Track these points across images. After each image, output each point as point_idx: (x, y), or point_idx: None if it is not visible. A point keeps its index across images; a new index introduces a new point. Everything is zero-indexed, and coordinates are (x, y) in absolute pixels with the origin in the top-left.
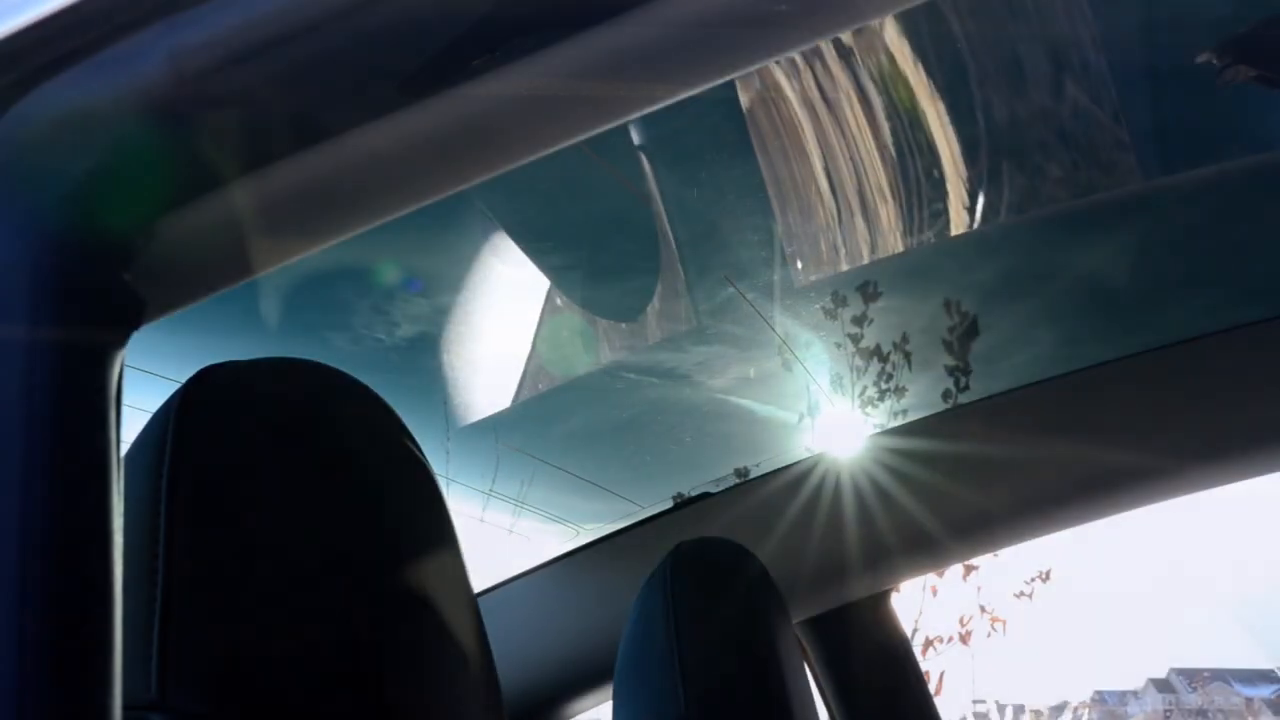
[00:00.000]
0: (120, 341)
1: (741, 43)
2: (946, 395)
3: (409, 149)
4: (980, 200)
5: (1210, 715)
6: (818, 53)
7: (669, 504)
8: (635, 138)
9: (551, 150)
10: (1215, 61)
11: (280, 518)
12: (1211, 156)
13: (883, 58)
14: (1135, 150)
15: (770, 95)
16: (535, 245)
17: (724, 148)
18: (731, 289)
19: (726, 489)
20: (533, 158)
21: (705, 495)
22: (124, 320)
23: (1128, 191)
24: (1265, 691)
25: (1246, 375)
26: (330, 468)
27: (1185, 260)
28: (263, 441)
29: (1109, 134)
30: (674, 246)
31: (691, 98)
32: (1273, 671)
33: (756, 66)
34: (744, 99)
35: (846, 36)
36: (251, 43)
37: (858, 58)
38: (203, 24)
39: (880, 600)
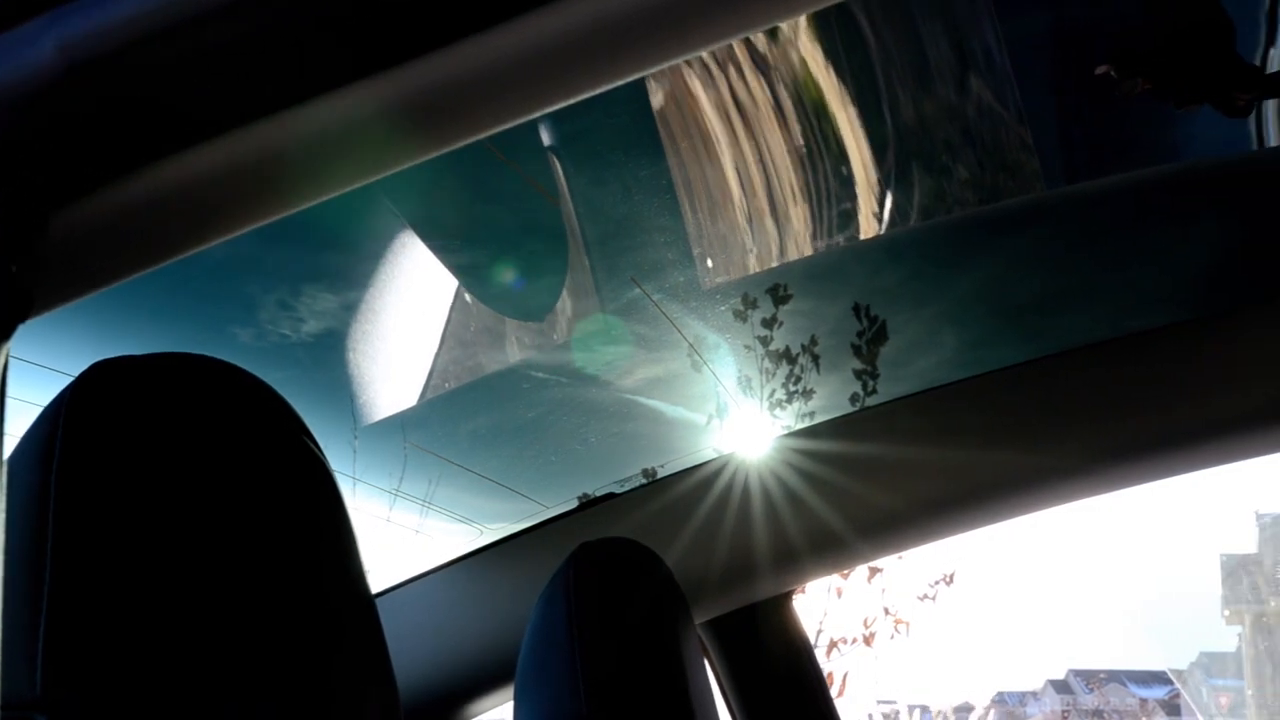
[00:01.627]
0: (4, 334)
1: (650, 40)
2: (854, 398)
3: (301, 144)
4: (889, 204)
5: (1106, 715)
6: (730, 54)
7: (574, 504)
8: (545, 137)
9: (457, 146)
10: (1113, 75)
11: (170, 516)
12: (1113, 166)
13: (795, 61)
14: (1040, 158)
15: (681, 96)
16: (442, 243)
17: (634, 148)
18: (640, 290)
19: (632, 489)
20: (438, 153)
21: (610, 496)
22: (9, 313)
23: (1032, 198)
24: (1159, 692)
25: (1146, 381)
26: (222, 466)
27: (1086, 267)
28: (153, 439)
29: (1015, 142)
30: (582, 246)
31: (602, 97)
32: (1164, 673)
33: (665, 65)
34: (654, 99)
35: (759, 38)
36: (143, 33)
37: (770, 61)
38: (93, 14)
39: (782, 601)
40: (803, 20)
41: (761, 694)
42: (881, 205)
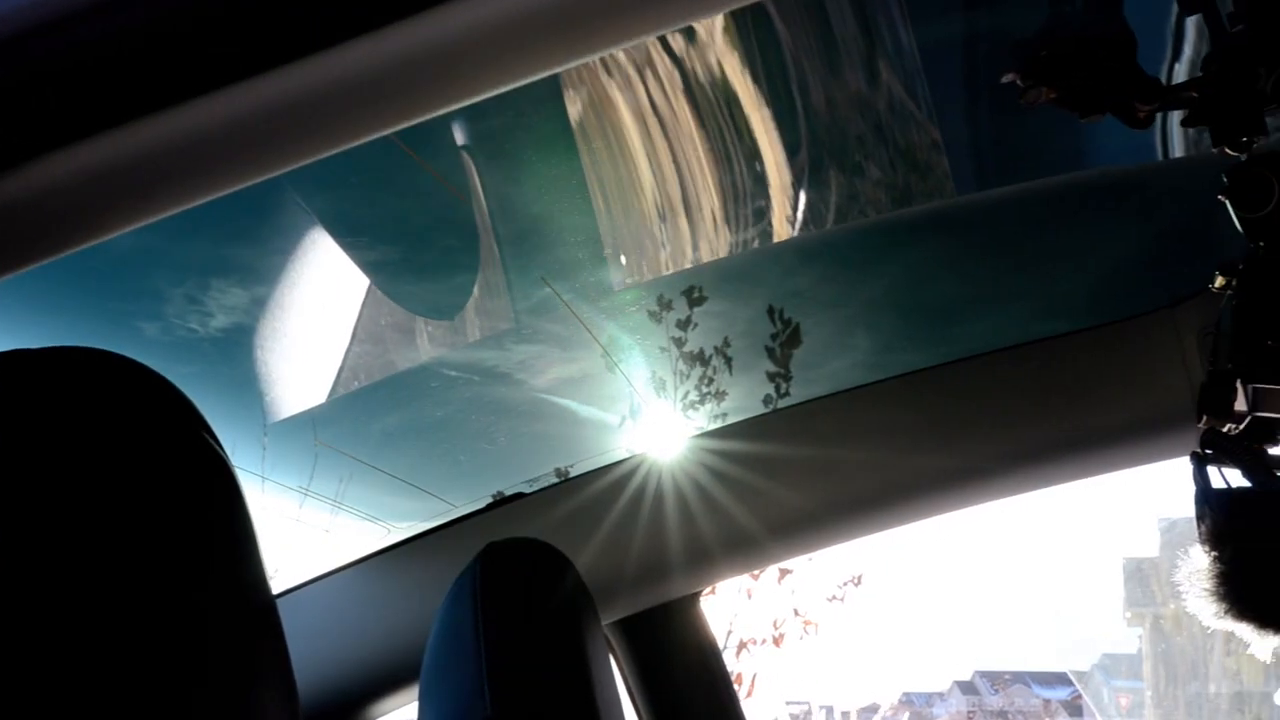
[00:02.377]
0: None
1: (559, 39)
2: (767, 400)
3: (200, 139)
4: (802, 207)
5: (1010, 716)
6: (645, 55)
7: (484, 504)
8: (457, 133)
9: (368, 140)
10: (1019, 83)
11: (59, 515)
12: (1023, 173)
13: (710, 63)
14: (951, 163)
15: (595, 96)
16: (352, 239)
17: (547, 147)
18: (551, 289)
19: (543, 489)
20: (344, 147)
21: (519, 495)
22: None
23: (944, 204)
24: (1062, 694)
25: (1052, 385)
26: (113, 462)
27: (995, 273)
28: (41, 434)
29: (927, 147)
30: (494, 244)
31: (515, 95)
32: (1066, 674)
33: (575, 63)
34: (568, 97)
35: (675, 39)
36: (20, 28)
37: (685, 62)
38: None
39: (690, 602)
40: (718, 22)
41: (668, 694)
42: (795, 208)
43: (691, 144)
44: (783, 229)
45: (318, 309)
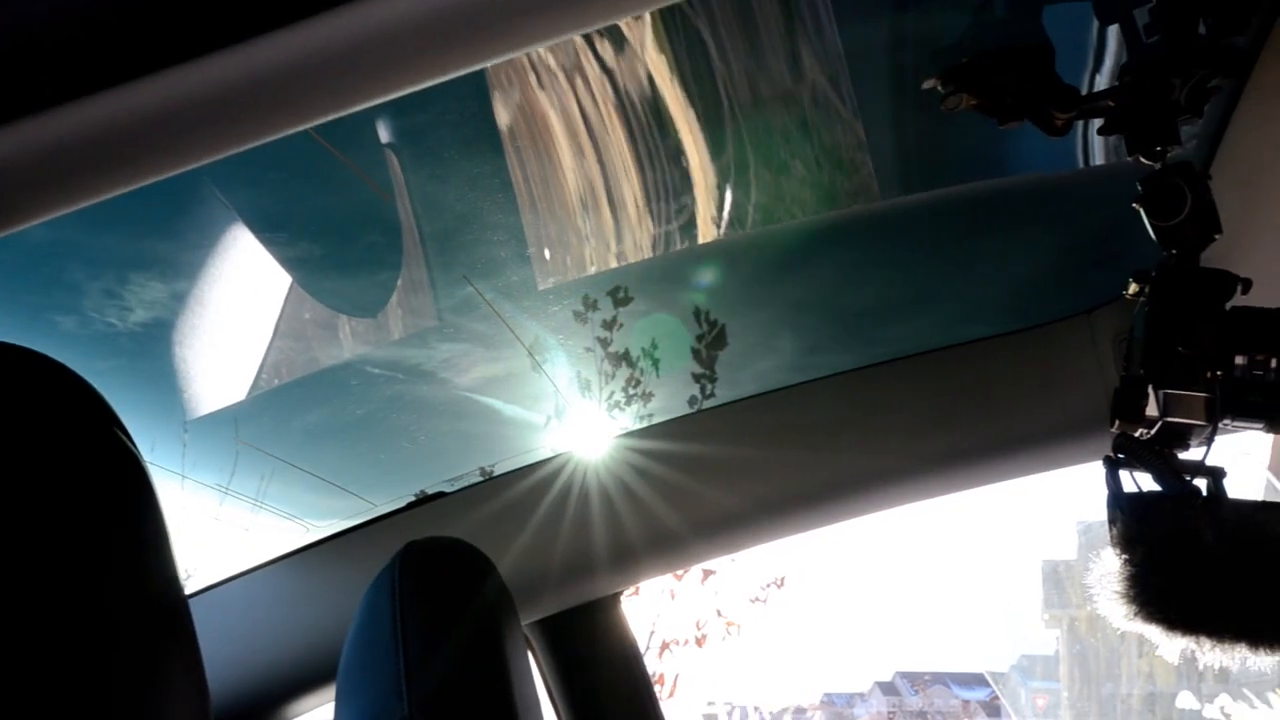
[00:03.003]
0: None
1: (482, 36)
2: (692, 401)
3: (117, 130)
4: (728, 209)
5: (930, 717)
6: (572, 54)
7: (405, 503)
8: (381, 130)
9: (288, 133)
10: (940, 89)
11: None
12: (947, 178)
13: (637, 64)
14: (876, 167)
15: (521, 93)
16: (272, 235)
17: (472, 145)
18: (480, 287)
19: (465, 488)
20: (263, 141)
21: (440, 494)
22: None
23: (869, 208)
24: (980, 694)
25: (973, 388)
26: (18, 458)
27: (919, 277)
28: None
29: (852, 149)
30: (419, 241)
31: (440, 91)
32: (983, 675)
33: (498, 60)
34: (494, 94)
35: (601, 40)
36: None
37: (610, 61)
38: None
39: (612, 602)
40: (646, 22)
41: (588, 694)
42: (721, 210)
43: (617, 144)
44: (709, 230)
45: (239, 305)
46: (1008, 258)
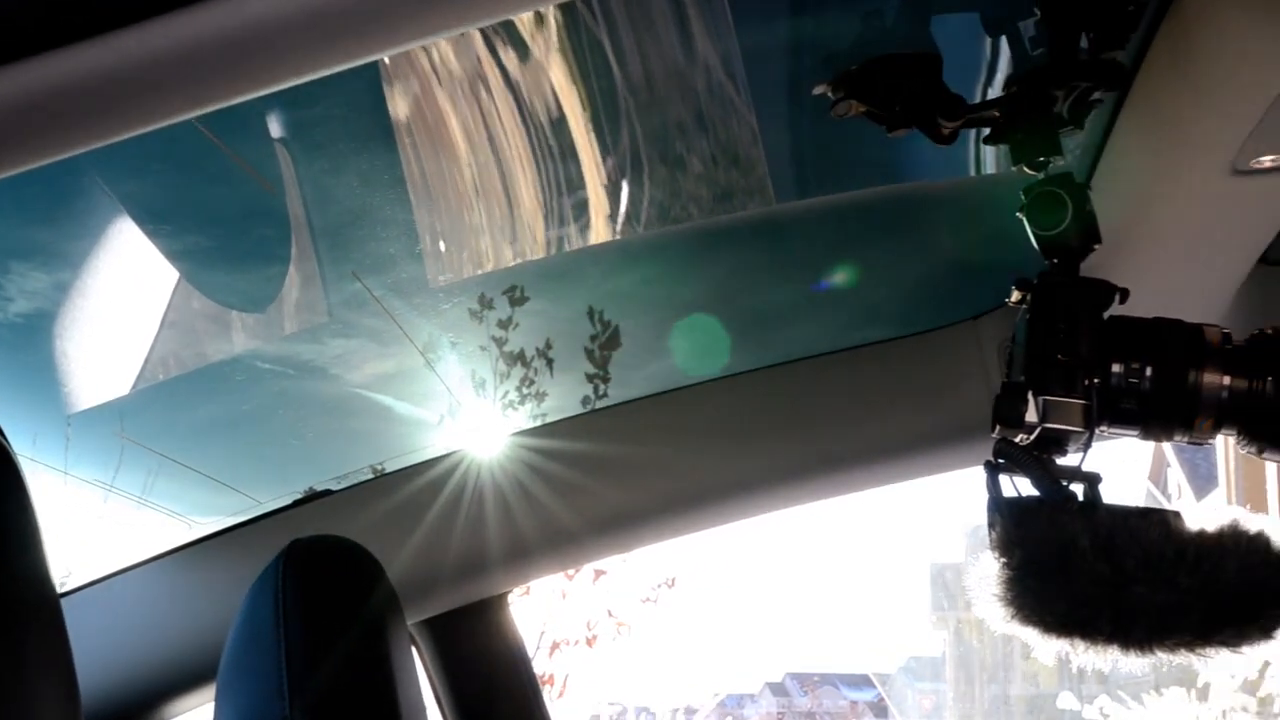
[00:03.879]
0: None
1: (375, 27)
2: (585, 401)
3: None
4: (624, 209)
5: (819, 717)
6: (467, 48)
7: (293, 499)
8: (271, 123)
9: (171, 123)
10: (830, 95)
11: None
12: (841, 183)
13: (533, 60)
14: (771, 171)
15: (415, 87)
16: (155, 226)
17: (364, 138)
18: (372, 283)
19: (353, 485)
20: (146, 129)
21: (327, 492)
22: None
23: (763, 211)
24: (869, 695)
25: (864, 393)
26: None
27: (811, 281)
28: None
29: (747, 152)
30: (309, 236)
31: (332, 84)
32: (869, 676)
33: (391, 53)
34: (387, 89)
35: (498, 34)
36: None
37: (506, 57)
38: None
39: (499, 602)
40: (547, 18)
41: (474, 694)
42: (617, 209)
43: (513, 141)
44: (605, 230)
45: (123, 296)
46: (899, 263)
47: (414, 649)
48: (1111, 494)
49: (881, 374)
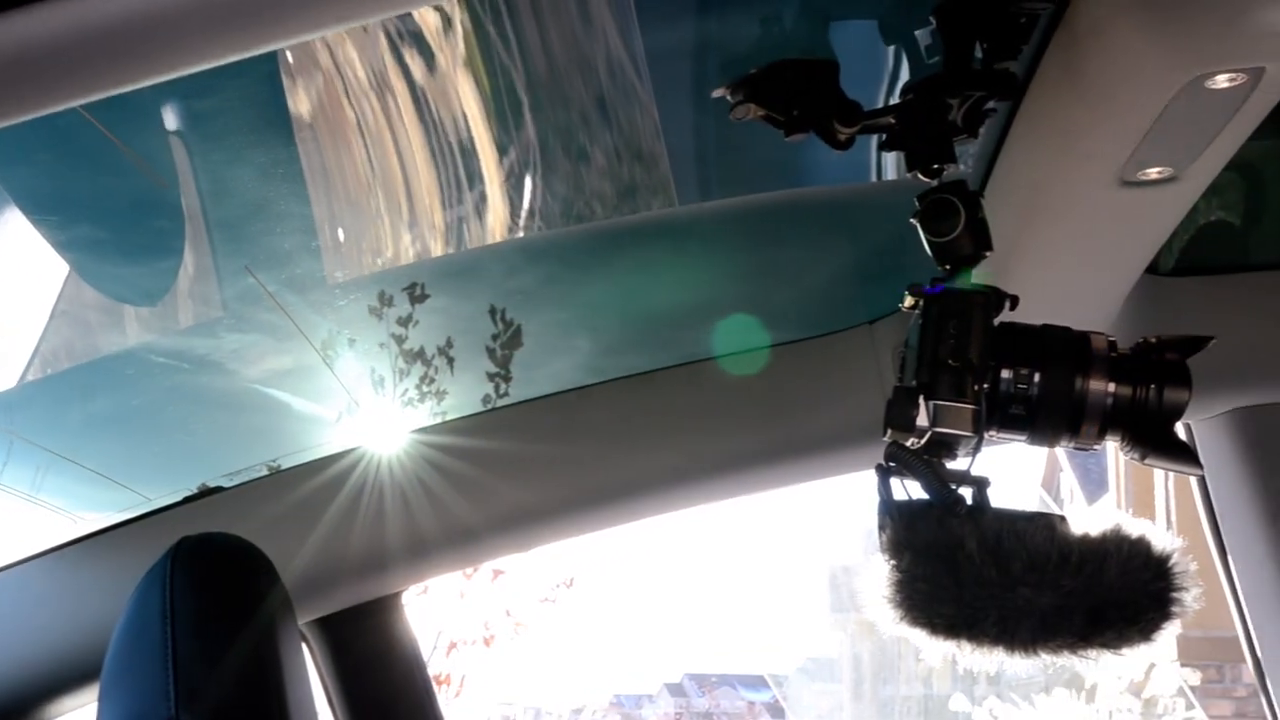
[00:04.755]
0: None
1: (268, 17)
2: (486, 400)
3: None
4: (525, 208)
5: (716, 718)
6: (368, 41)
7: (185, 497)
8: (165, 114)
9: (56, 109)
10: (729, 98)
11: None
12: (743, 186)
13: (435, 55)
14: (674, 172)
15: (315, 79)
16: (42, 217)
17: (261, 130)
18: (268, 278)
19: (247, 482)
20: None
21: (220, 489)
22: None
23: (666, 212)
24: (766, 695)
25: (764, 395)
26: None
27: (713, 283)
28: None
29: (650, 153)
30: (205, 228)
31: (231, 74)
32: (765, 677)
33: (286, 44)
34: (288, 81)
35: (397, 29)
36: None
37: (408, 51)
38: None
39: (393, 601)
40: (453, 15)
41: (366, 694)
42: (519, 208)
43: (415, 137)
44: (507, 227)
45: (11, 288)
46: (799, 266)
47: (306, 648)
48: (1006, 499)
49: (780, 377)
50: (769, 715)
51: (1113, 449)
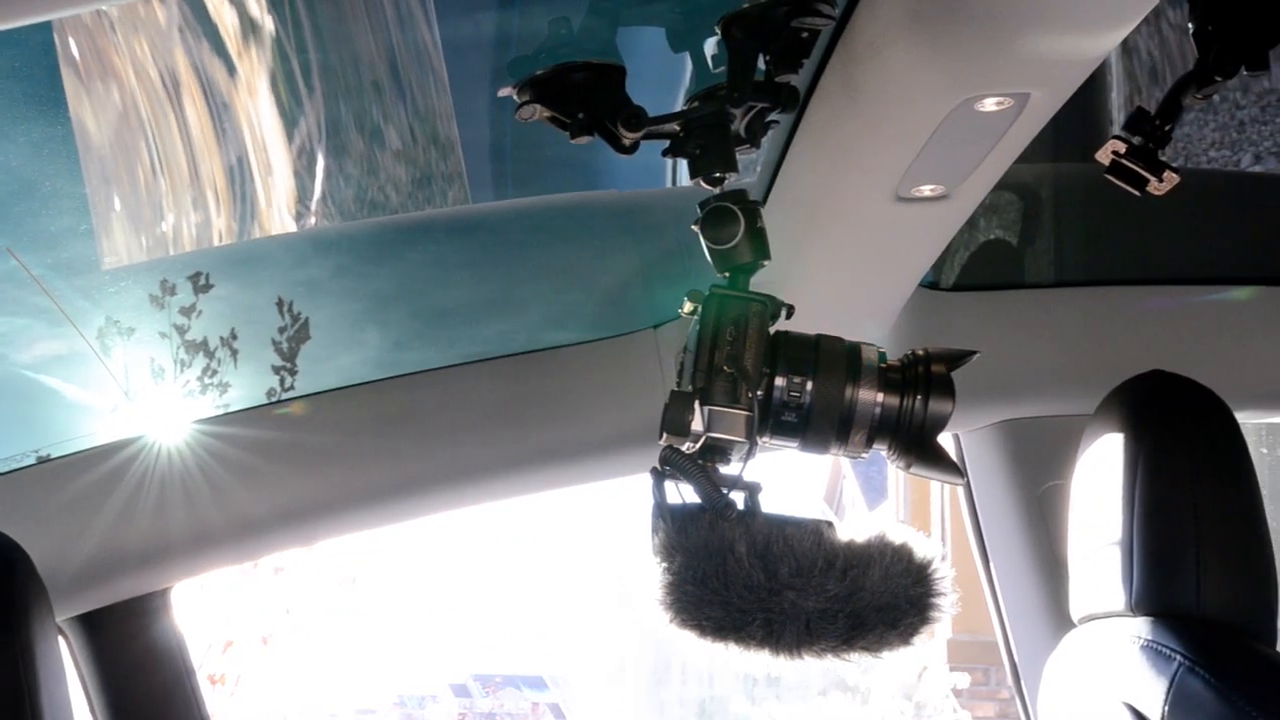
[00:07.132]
0: None
1: None
2: (270, 393)
3: None
4: (316, 198)
5: (500, 718)
6: (150, 15)
7: None
8: None
9: None
10: (515, 98)
11: None
12: (538, 185)
13: (222, 35)
14: (468, 167)
15: (95, 54)
16: None
17: (33, 103)
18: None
19: (10, 471)
20: None
21: None
22: None
23: (460, 209)
24: (550, 696)
25: (549, 395)
26: None
27: (505, 280)
28: None
29: (445, 148)
30: None
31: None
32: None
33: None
34: (62, 52)
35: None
36: None
37: (193, 29)
38: None
39: (159, 598)
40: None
41: (127, 693)
42: (310, 198)
43: (202, 120)
44: (296, 215)
45: None
46: (589, 268)
47: (64, 646)
48: (788, 507)
49: (565, 377)
50: (552, 716)
51: None
